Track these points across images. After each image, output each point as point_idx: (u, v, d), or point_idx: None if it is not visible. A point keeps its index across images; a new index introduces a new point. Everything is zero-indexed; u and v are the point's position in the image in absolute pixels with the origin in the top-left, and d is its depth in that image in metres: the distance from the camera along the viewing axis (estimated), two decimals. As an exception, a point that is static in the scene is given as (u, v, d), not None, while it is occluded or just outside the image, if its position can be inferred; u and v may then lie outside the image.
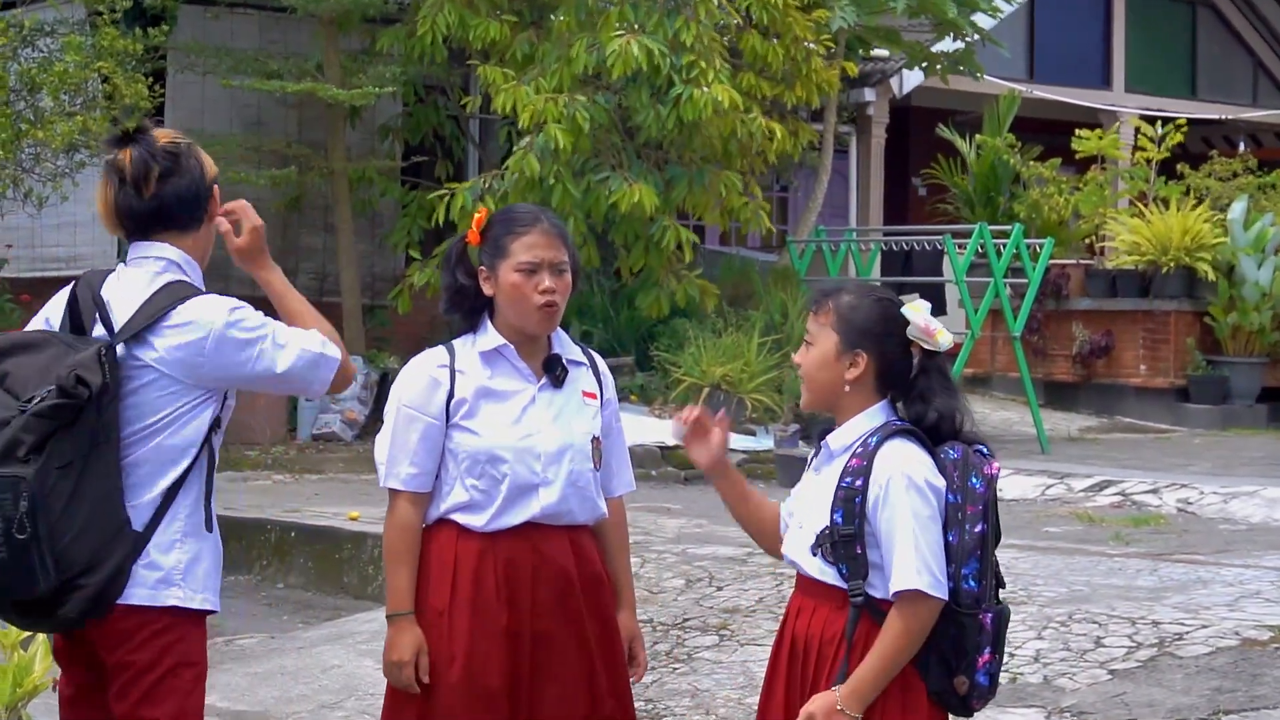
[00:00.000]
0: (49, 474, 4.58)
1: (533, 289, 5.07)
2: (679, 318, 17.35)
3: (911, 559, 4.45)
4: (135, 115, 16.36)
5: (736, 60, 17.29)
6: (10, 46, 15.74)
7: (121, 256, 16.45)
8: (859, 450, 4.58)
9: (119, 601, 4.68)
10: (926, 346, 4.63)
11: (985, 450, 4.64)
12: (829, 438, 4.70)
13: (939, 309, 19.08)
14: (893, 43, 20.61)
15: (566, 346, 5.27)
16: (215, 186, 5.03)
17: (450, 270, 5.24)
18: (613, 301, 18.21)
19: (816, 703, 4.53)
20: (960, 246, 17.75)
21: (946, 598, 4.47)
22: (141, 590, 4.70)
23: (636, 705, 8.17)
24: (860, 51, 20.73)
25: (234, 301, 4.88)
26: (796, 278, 18.86)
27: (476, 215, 5.25)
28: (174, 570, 4.74)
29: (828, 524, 4.57)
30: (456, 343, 5.23)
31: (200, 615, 4.82)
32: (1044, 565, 10.63)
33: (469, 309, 5.21)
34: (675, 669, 8.82)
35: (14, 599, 4.64)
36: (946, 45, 21.01)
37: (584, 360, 5.30)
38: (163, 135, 4.96)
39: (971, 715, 4.64)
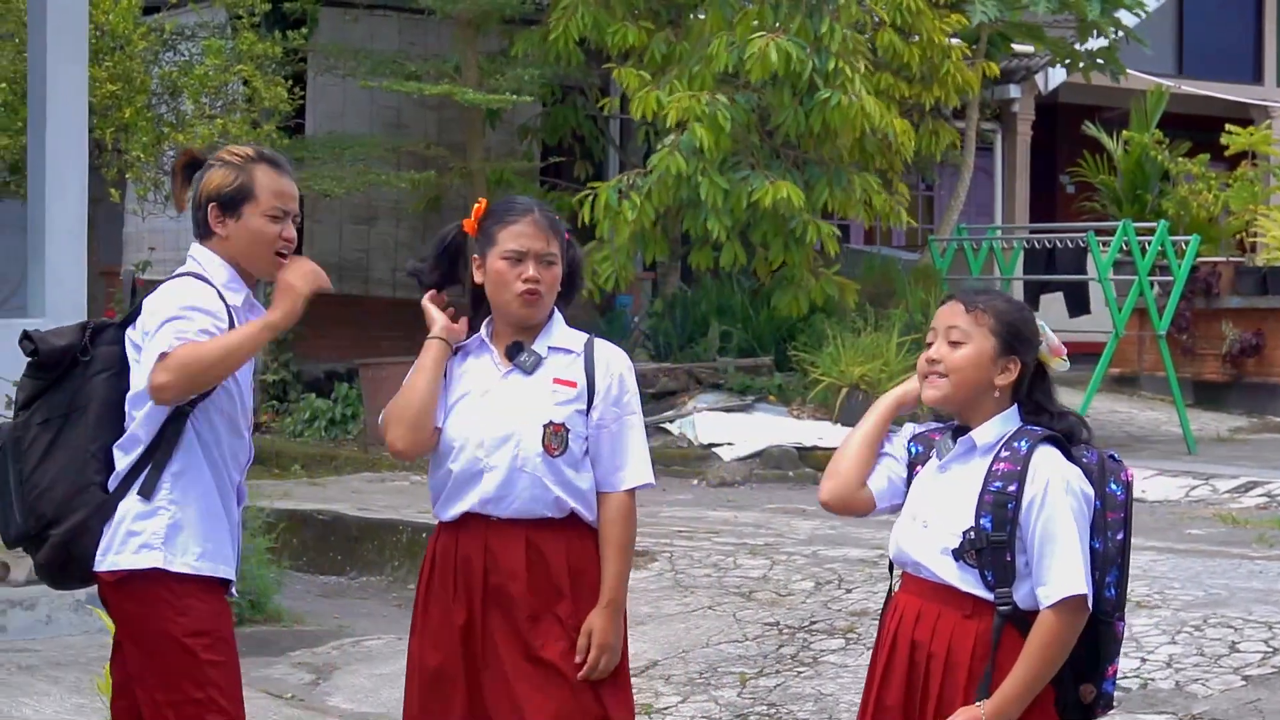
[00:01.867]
0: (30, 427, 5.07)
1: (515, 276, 5.08)
2: (818, 316, 17.21)
3: (1077, 564, 4.42)
4: (274, 118, 16.50)
5: (874, 59, 17.16)
6: (152, 50, 15.86)
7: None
8: (1005, 454, 4.52)
9: (106, 569, 4.97)
10: (1052, 365, 4.68)
11: (1116, 456, 4.62)
12: (974, 434, 4.61)
13: (1083, 308, 18.87)
14: (1035, 39, 20.35)
15: (558, 336, 5.20)
16: (211, 204, 5.08)
17: (445, 254, 5.29)
18: (752, 301, 18.11)
19: (961, 717, 4.43)
20: (1104, 244, 17.50)
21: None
22: (124, 556, 4.97)
23: (760, 708, 8.15)
24: (1002, 49, 20.46)
25: (184, 295, 4.99)
26: (938, 276, 18.68)
27: (475, 206, 5.24)
28: (154, 535, 4.97)
29: (971, 527, 4.49)
30: (466, 343, 5.26)
31: (202, 583, 4.98)
32: (1182, 568, 10.43)
33: (470, 302, 5.23)
34: (800, 673, 8.71)
35: (6, 542, 5.13)
36: (1090, 42, 20.70)
37: (575, 349, 5.20)
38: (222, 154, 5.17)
39: None
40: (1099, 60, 20.24)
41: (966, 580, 4.51)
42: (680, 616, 9.80)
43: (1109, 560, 4.49)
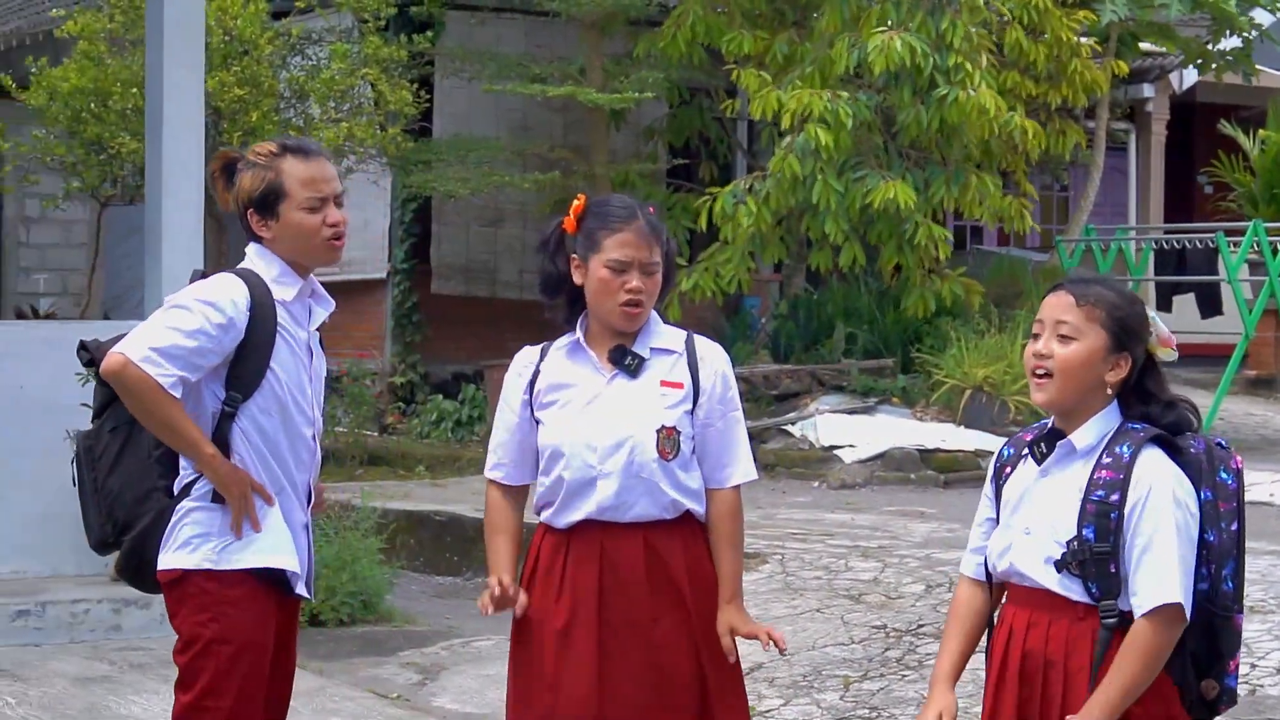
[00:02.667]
0: (101, 434, 5.17)
1: (619, 286, 5.02)
2: (944, 318, 17.09)
3: (1175, 573, 4.29)
4: (400, 121, 16.60)
5: (1000, 57, 17.03)
6: (279, 55, 16.00)
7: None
8: (1107, 460, 4.40)
9: (162, 569, 5.08)
10: (1159, 355, 4.51)
11: (1224, 443, 4.48)
12: (1072, 437, 4.48)
13: (1215, 309, 18.62)
14: (1167, 38, 20.09)
15: (656, 335, 5.15)
16: (249, 210, 5.15)
17: (552, 259, 5.20)
18: (879, 302, 18.01)
19: None
20: (1235, 244, 17.26)
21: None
22: (174, 555, 5.05)
23: (861, 711, 8.11)
24: (1132, 49, 20.21)
25: (203, 288, 5.06)
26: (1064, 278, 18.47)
27: (575, 203, 5.19)
28: (201, 535, 5.03)
29: (1074, 537, 4.38)
30: (555, 342, 5.22)
31: (249, 584, 5.02)
32: (1303, 573, 10.30)
33: (565, 298, 5.18)
34: (904, 676, 8.66)
35: (92, 546, 5.22)
36: (1224, 41, 20.41)
37: (677, 349, 5.15)
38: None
39: None
40: (1230, 59, 19.96)
41: (1070, 590, 4.41)
42: (788, 619, 9.77)
43: (1225, 553, 4.36)
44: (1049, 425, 4.57)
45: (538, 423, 5.13)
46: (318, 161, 5.15)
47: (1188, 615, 4.31)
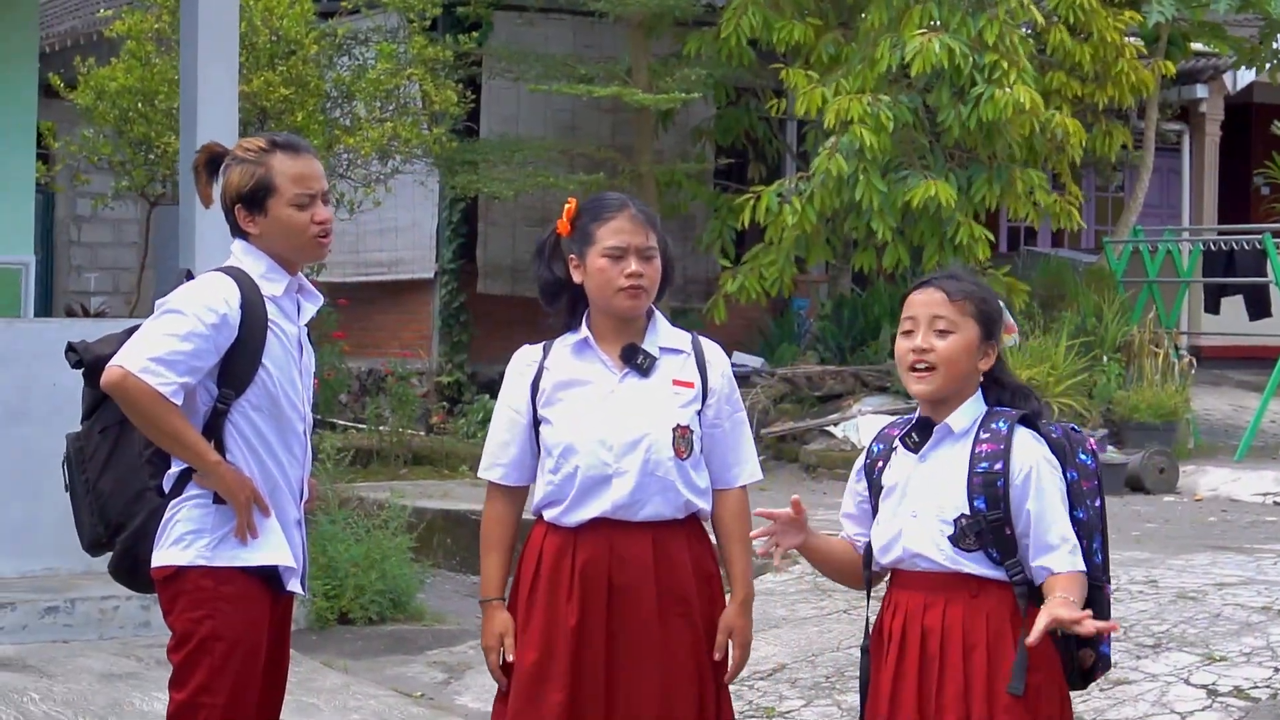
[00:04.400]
0: (91, 436, 5.18)
1: (619, 273, 5.02)
2: (990, 320, 17.00)
3: (1071, 540, 4.53)
4: (446, 121, 16.64)
5: (1045, 58, 16.96)
6: (325, 55, 16.07)
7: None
8: (985, 435, 4.58)
9: (155, 567, 5.07)
10: (1008, 343, 4.69)
11: (1077, 428, 4.70)
12: (949, 421, 4.63)
13: (1264, 310, 18.51)
14: (1217, 38, 19.95)
15: (664, 335, 5.15)
16: (236, 205, 5.13)
17: (546, 265, 5.20)
18: (925, 304, 17.91)
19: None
20: (1283, 247, 17.16)
21: None
22: (165, 553, 5.04)
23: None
24: (1182, 49, 20.07)
25: (194, 290, 5.05)
26: (1112, 279, 18.41)
27: (567, 206, 5.19)
28: (191, 533, 5.01)
29: (964, 511, 4.53)
30: (556, 340, 5.20)
31: (240, 582, 5.01)
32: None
33: (567, 301, 5.17)
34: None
35: (85, 548, 5.27)
36: (1277, 42, 20.25)
37: (684, 348, 5.16)
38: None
39: (1086, 687, 4.79)
40: (1282, 61, 19.83)
41: (970, 563, 4.54)
42: (814, 620, 9.75)
43: (1092, 527, 4.59)
44: (915, 418, 4.71)
45: (541, 422, 5.11)
46: (306, 159, 5.15)
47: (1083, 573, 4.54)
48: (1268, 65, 20.05)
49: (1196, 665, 8.19)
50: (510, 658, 5.08)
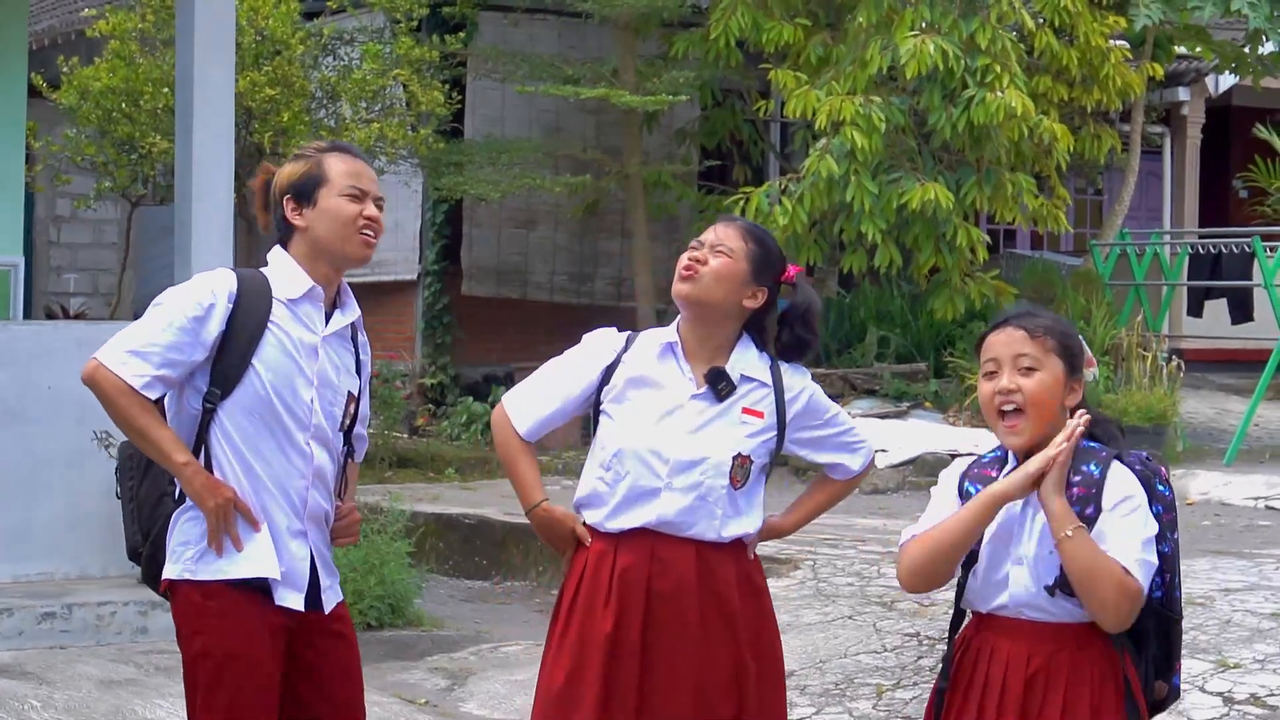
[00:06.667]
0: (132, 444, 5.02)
1: (682, 259, 5.08)
2: (976, 322, 16.99)
3: (1139, 550, 4.32)
4: (432, 122, 16.55)
5: (1032, 61, 16.94)
6: (311, 55, 15.98)
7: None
8: (1077, 479, 4.37)
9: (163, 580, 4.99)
10: (1087, 380, 4.56)
11: (1149, 456, 4.49)
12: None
13: (1246, 314, 18.50)
14: (1203, 42, 19.93)
15: (748, 363, 5.12)
16: (286, 197, 5.02)
17: None
18: (911, 306, 17.92)
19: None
20: (1271, 250, 17.14)
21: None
22: (167, 566, 4.95)
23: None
24: (1167, 53, 20.05)
25: (186, 285, 4.97)
26: (1099, 282, 18.39)
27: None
28: (181, 544, 4.91)
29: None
30: (641, 333, 5.19)
31: (231, 594, 4.85)
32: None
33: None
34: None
35: (128, 556, 5.13)
36: (1262, 47, 20.23)
37: (765, 380, 5.12)
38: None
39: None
40: (1267, 64, 19.78)
41: (1064, 613, 4.40)
42: (819, 626, 9.68)
43: (1175, 561, 4.44)
44: (1002, 455, 4.54)
45: (600, 412, 5.10)
46: (362, 163, 5.05)
47: (1143, 596, 4.33)
48: (1251, 71, 19.99)
49: (1211, 672, 8.15)
50: (589, 542, 5.06)
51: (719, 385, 5.04)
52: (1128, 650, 4.42)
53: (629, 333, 5.18)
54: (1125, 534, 4.32)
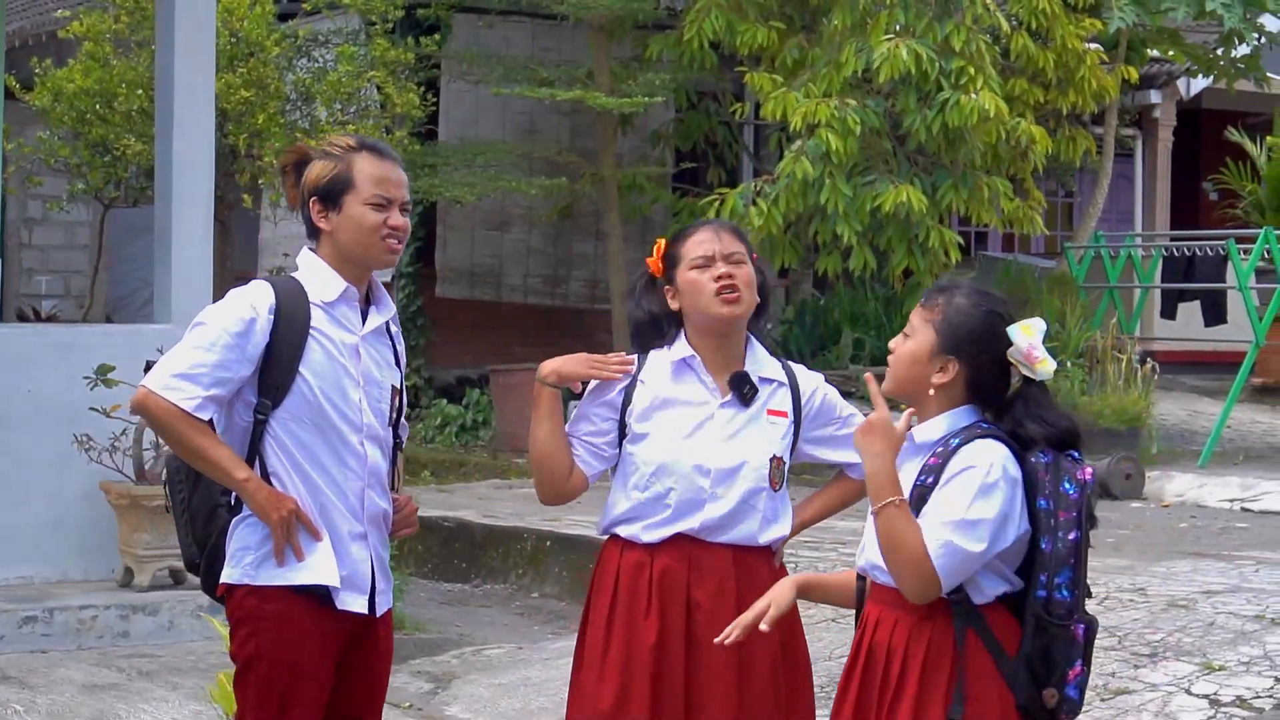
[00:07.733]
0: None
1: (709, 279, 5.04)
2: (950, 324, 16.99)
3: (947, 539, 4.28)
4: (407, 124, 16.53)
5: (1007, 64, 16.96)
6: (285, 57, 15.93)
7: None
8: (939, 450, 4.41)
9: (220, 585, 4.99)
10: (1024, 372, 4.45)
11: (1077, 455, 4.42)
12: (913, 431, 4.46)
13: (1219, 317, 18.55)
14: (1175, 45, 19.99)
15: (763, 364, 5.17)
16: (313, 199, 4.98)
17: (639, 304, 5.24)
18: (886, 308, 17.93)
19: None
20: (1245, 252, 17.19)
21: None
22: (225, 571, 4.96)
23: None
24: (1141, 55, 20.11)
25: (225, 302, 4.96)
26: (1074, 284, 18.43)
27: (656, 247, 5.23)
28: (240, 550, 4.93)
29: None
30: (651, 353, 5.18)
31: (289, 600, 4.86)
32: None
33: (663, 333, 5.20)
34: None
35: (185, 568, 5.17)
36: (1234, 50, 20.30)
37: (781, 379, 5.19)
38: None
39: None
40: (1240, 67, 19.85)
41: None
42: (804, 629, 9.65)
43: (1060, 561, 4.33)
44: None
45: (629, 437, 5.12)
46: (391, 164, 4.99)
47: (940, 587, 4.29)
48: (1225, 71, 20.05)
49: (1196, 675, 8.15)
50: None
51: (744, 389, 5.08)
52: (974, 628, 4.37)
53: (637, 354, 5.22)
54: (937, 509, 4.33)
